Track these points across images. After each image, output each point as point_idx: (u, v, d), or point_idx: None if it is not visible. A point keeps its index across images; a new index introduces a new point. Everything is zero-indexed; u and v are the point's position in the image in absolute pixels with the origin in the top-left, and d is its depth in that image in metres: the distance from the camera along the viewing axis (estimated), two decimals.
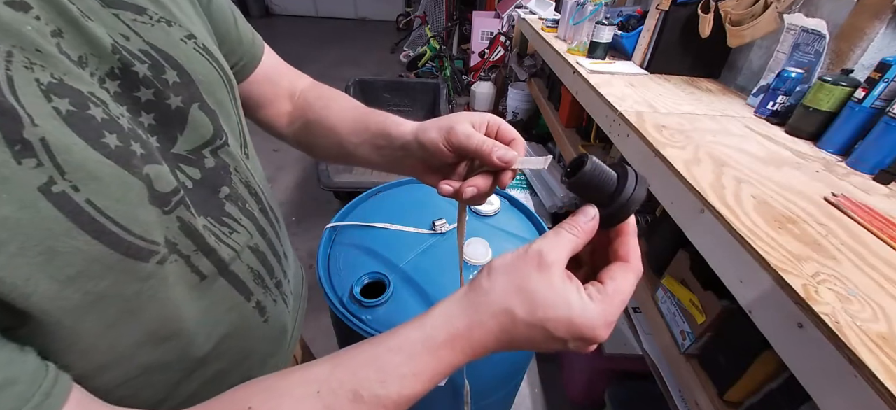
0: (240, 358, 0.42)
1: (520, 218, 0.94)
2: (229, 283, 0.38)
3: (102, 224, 0.25)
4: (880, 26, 0.87)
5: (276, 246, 0.46)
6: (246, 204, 0.39)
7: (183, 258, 0.32)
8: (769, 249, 0.56)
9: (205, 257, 0.34)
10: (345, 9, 7.25)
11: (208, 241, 0.34)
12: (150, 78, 0.30)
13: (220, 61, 0.38)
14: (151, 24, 0.31)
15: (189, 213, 0.32)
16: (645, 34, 1.39)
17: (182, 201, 0.32)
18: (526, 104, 2.79)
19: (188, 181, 0.34)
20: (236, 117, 0.40)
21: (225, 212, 0.37)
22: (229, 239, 0.37)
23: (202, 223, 0.34)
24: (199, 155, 0.35)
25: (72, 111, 0.24)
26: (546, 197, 1.88)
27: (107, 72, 0.28)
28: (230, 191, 0.37)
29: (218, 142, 0.36)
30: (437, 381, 0.31)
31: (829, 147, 0.86)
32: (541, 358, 1.51)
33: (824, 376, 0.46)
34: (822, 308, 0.47)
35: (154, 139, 0.31)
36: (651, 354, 1.01)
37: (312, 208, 2.31)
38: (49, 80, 0.24)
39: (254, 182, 0.42)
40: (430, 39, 3.93)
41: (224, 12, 0.43)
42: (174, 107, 0.32)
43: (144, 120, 0.31)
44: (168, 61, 0.32)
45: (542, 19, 2.16)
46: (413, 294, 0.72)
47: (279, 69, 0.53)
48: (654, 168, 0.84)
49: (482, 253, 0.78)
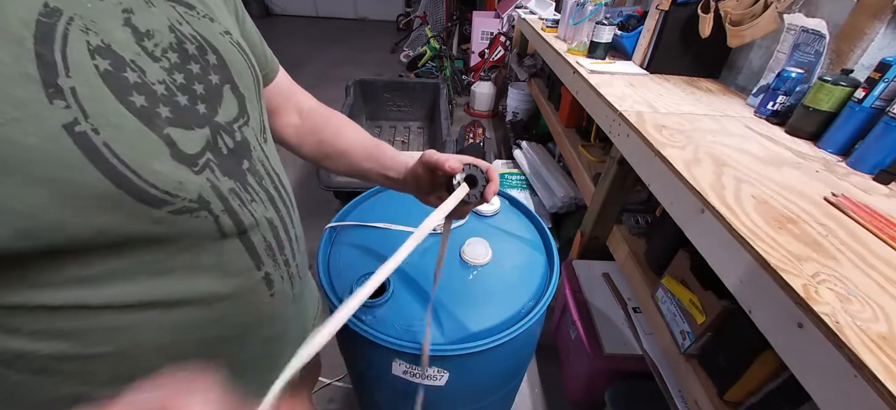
0: (239, 333, 0.44)
1: (520, 218, 0.94)
2: (244, 247, 0.41)
3: (115, 166, 0.29)
4: (880, 26, 0.87)
5: (289, 226, 0.48)
6: (262, 180, 0.43)
7: (212, 215, 0.36)
8: (769, 249, 0.56)
9: (228, 217, 0.38)
10: (345, 9, 7.24)
11: (232, 204, 0.38)
12: (197, 56, 0.36)
13: (251, 57, 0.44)
14: (198, 18, 0.38)
15: (215, 176, 0.36)
16: (645, 34, 1.39)
17: (208, 165, 0.36)
18: (526, 104, 2.79)
19: (224, 147, 0.38)
20: (259, 107, 0.46)
21: (248, 182, 0.41)
22: (250, 206, 0.40)
23: (229, 186, 0.38)
24: (231, 128, 0.39)
25: (109, 71, 0.29)
26: (546, 197, 1.88)
27: (169, 44, 0.34)
28: (249, 164, 0.41)
29: (242, 120, 0.41)
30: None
31: (829, 147, 0.86)
32: (541, 358, 1.51)
33: (824, 376, 0.46)
34: (822, 308, 0.47)
35: (203, 106, 0.36)
36: (651, 354, 1.01)
37: (312, 208, 2.31)
38: (97, 44, 0.29)
39: (269, 164, 0.45)
40: (430, 39, 3.92)
41: (253, 33, 0.53)
42: (214, 83, 0.38)
43: (197, 89, 0.36)
44: (209, 46, 0.38)
45: (542, 19, 2.16)
46: (413, 294, 0.72)
47: (291, 87, 0.62)
48: (654, 168, 0.84)
49: (482, 254, 0.78)
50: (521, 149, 2.23)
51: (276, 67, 0.59)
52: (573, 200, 1.80)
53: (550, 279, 0.76)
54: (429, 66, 3.91)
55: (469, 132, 2.91)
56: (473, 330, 0.67)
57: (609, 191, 1.17)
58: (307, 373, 0.84)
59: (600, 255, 1.33)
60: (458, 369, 0.68)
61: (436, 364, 0.67)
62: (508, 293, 0.74)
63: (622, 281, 1.29)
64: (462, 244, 0.80)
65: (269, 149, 0.47)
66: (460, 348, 0.63)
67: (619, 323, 1.20)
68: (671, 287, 0.89)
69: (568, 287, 1.30)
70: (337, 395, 1.38)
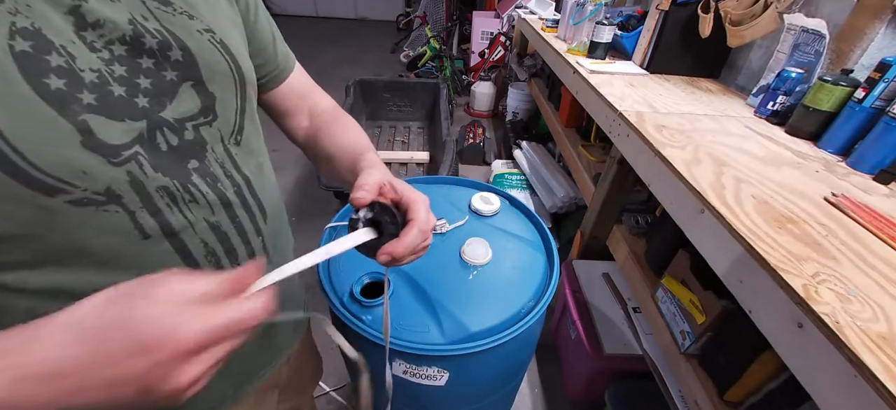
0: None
1: (520, 217, 0.94)
2: (174, 250, 0.40)
3: (2, 150, 0.28)
4: (880, 26, 0.87)
5: (250, 237, 0.47)
6: (217, 183, 0.42)
7: (127, 211, 0.35)
8: (769, 249, 0.56)
9: (150, 216, 0.37)
10: (345, 9, 7.24)
11: (158, 202, 0.37)
12: (154, 50, 0.36)
13: (237, 59, 0.43)
14: (172, 14, 0.37)
15: (141, 171, 0.35)
16: (645, 34, 1.39)
17: (135, 158, 0.35)
18: (526, 104, 2.79)
19: (165, 144, 0.37)
20: (236, 110, 0.44)
21: (191, 182, 0.39)
22: (186, 207, 0.39)
23: (160, 184, 0.37)
24: (182, 125, 0.39)
25: (26, 52, 0.29)
26: (546, 197, 1.88)
27: (118, 37, 0.34)
28: (199, 165, 0.40)
29: (201, 119, 0.40)
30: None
31: (829, 147, 0.86)
32: (541, 358, 1.51)
33: (824, 376, 0.46)
34: (822, 308, 0.47)
35: (145, 99, 0.36)
36: (651, 354, 1.01)
37: (312, 208, 2.31)
38: (24, 26, 0.29)
39: (234, 168, 0.44)
40: (430, 39, 3.92)
41: (265, 32, 0.51)
42: (168, 80, 0.37)
43: (141, 82, 0.35)
44: (176, 42, 0.37)
45: (542, 19, 2.16)
46: (413, 294, 0.72)
47: (308, 87, 0.60)
48: (654, 168, 0.84)
49: (482, 254, 0.78)
50: (521, 149, 2.23)
51: (290, 67, 0.57)
52: (573, 200, 1.80)
53: (550, 279, 0.76)
54: (429, 65, 3.91)
55: (469, 132, 2.91)
56: (473, 330, 0.67)
57: (609, 191, 1.17)
58: (309, 376, 0.84)
59: (600, 255, 1.33)
60: (458, 369, 0.68)
61: (436, 364, 0.67)
62: (508, 293, 0.74)
63: (622, 281, 1.29)
64: (462, 244, 0.80)
65: (242, 153, 0.45)
66: (460, 348, 0.63)
67: (619, 323, 1.20)
68: (671, 287, 0.89)
69: (568, 287, 1.30)
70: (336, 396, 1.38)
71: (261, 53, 0.51)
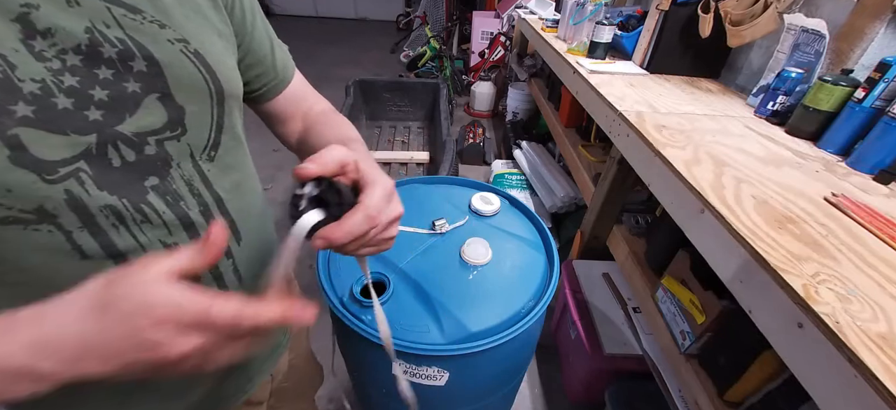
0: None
1: (520, 218, 0.94)
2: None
3: None
4: (880, 26, 0.87)
5: (220, 264, 0.44)
6: (180, 201, 0.40)
7: (62, 231, 0.34)
8: (769, 249, 0.56)
9: (91, 237, 0.35)
10: (345, 9, 7.24)
11: (101, 222, 0.35)
12: (114, 60, 0.34)
13: (214, 71, 0.40)
14: (140, 23, 0.35)
15: (82, 189, 0.33)
16: (645, 34, 1.39)
17: (75, 174, 0.33)
18: (526, 104, 2.79)
19: (118, 159, 0.35)
20: (212, 125, 0.42)
21: (146, 201, 0.37)
22: (137, 227, 0.37)
23: (105, 202, 0.35)
24: (143, 139, 0.36)
25: None
26: (546, 197, 1.88)
27: (72, 46, 0.32)
28: (159, 182, 0.38)
29: (167, 134, 0.38)
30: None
31: (829, 147, 0.86)
32: (541, 358, 1.51)
33: (824, 376, 0.46)
34: (822, 308, 0.47)
35: (99, 112, 0.33)
36: (651, 354, 1.01)
37: None
38: None
39: (206, 187, 0.42)
40: (430, 39, 3.93)
41: (263, 43, 0.50)
42: (130, 91, 0.35)
43: (96, 94, 0.33)
44: (141, 51, 0.35)
45: (542, 19, 2.16)
46: (413, 294, 0.72)
47: (303, 92, 0.58)
48: (654, 168, 0.84)
49: (482, 254, 0.78)
50: (521, 149, 2.23)
51: (289, 77, 0.56)
52: (573, 200, 1.80)
53: (550, 279, 0.76)
54: (429, 65, 3.91)
55: (469, 132, 2.91)
56: (473, 330, 0.67)
57: (609, 191, 1.17)
58: (308, 384, 0.84)
59: (600, 255, 1.33)
60: (458, 369, 0.68)
61: (436, 364, 0.67)
62: (508, 293, 0.74)
63: (622, 281, 1.29)
64: (462, 244, 0.80)
65: (215, 169, 0.43)
66: (460, 348, 0.63)
67: (619, 323, 1.20)
68: (671, 287, 0.89)
69: (568, 287, 1.30)
70: (336, 395, 1.38)
71: (259, 63, 0.50)
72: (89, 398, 0.43)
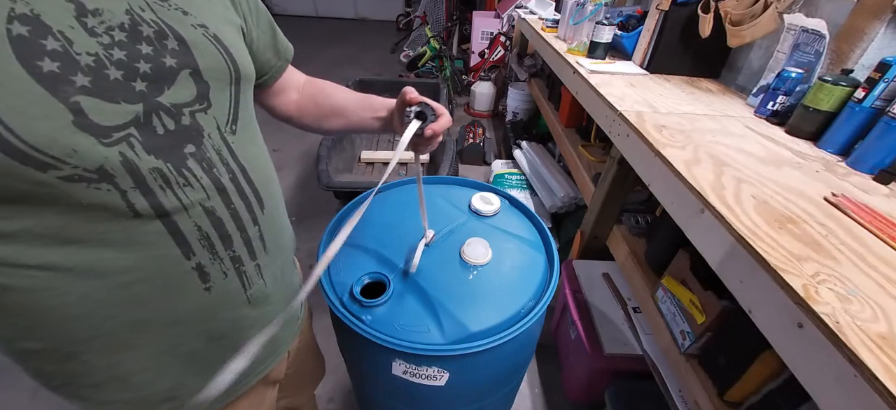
0: (164, 320, 0.44)
1: (520, 218, 0.93)
2: (167, 231, 0.41)
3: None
4: (880, 26, 0.87)
5: (246, 224, 0.47)
6: (213, 168, 0.43)
7: (118, 190, 0.37)
8: (769, 249, 0.56)
9: (142, 196, 0.38)
10: (345, 9, 7.24)
11: (151, 183, 0.38)
12: (152, 38, 0.38)
13: (232, 54, 0.45)
14: (168, 9, 0.39)
15: (133, 152, 0.37)
16: (645, 34, 1.39)
17: (126, 139, 0.36)
18: (526, 104, 2.79)
19: (161, 127, 0.39)
20: (231, 100, 0.46)
21: (186, 166, 0.41)
22: (181, 189, 0.40)
23: (152, 165, 0.38)
24: (179, 110, 0.40)
25: (22, 36, 0.30)
26: (546, 197, 1.88)
27: (118, 23, 0.36)
28: (196, 150, 0.41)
29: (197, 106, 0.42)
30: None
31: (829, 147, 0.86)
32: (541, 358, 1.51)
33: (824, 376, 0.46)
34: (822, 308, 0.47)
35: (144, 84, 0.37)
36: (651, 354, 1.01)
37: (312, 208, 2.31)
38: (23, 12, 0.31)
39: (231, 156, 0.45)
40: (430, 39, 3.92)
41: (265, 32, 0.56)
42: (168, 66, 0.39)
43: (141, 67, 0.37)
44: (172, 32, 0.39)
45: (542, 19, 2.16)
46: (413, 294, 0.72)
47: (290, 68, 0.67)
48: (654, 168, 0.84)
49: (482, 254, 0.78)
50: (521, 149, 2.23)
51: (290, 56, 0.64)
52: (573, 200, 1.80)
53: (550, 279, 0.76)
54: (429, 65, 3.90)
55: (469, 132, 2.91)
56: (473, 330, 0.67)
57: (609, 191, 1.17)
58: (310, 376, 0.84)
59: (600, 255, 1.33)
60: (458, 369, 0.68)
61: (436, 364, 0.67)
62: (508, 293, 0.73)
63: (622, 281, 1.29)
64: (462, 244, 0.80)
65: (238, 141, 0.47)
66: (460, 348, 0.63)
67: (619, 323, 1.20)
68: (671, 287, 0.89)
69: (568, 287, 1.30)
70: (337, 394, 1.38)
71: (266, 50, 0.57)
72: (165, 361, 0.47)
